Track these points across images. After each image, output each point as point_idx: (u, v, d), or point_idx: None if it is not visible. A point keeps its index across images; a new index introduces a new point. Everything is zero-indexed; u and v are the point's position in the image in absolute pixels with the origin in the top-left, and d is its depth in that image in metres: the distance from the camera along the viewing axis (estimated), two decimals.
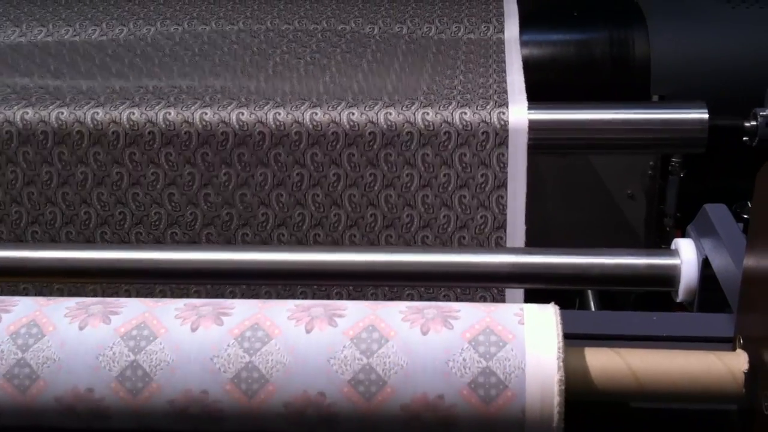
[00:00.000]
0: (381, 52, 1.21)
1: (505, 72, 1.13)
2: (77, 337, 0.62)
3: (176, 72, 1.19)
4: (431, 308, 0.63)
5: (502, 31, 1.30)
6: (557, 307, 0.63)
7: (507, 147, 1.00)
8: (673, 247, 0.85)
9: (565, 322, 0.61)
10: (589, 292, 1.37)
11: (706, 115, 1.03)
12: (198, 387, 0.61)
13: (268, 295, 1.08)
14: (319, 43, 1.29)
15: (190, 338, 0.61)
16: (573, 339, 0.65)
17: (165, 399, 0.61)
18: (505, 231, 1.03)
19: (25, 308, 0.64)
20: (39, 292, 1.10)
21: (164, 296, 1.10)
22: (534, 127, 1.01)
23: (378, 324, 0.61)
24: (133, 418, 0.62)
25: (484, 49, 1.23)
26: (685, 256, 0.83)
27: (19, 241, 1.09)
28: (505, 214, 1.03)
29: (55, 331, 0.62)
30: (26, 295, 1.10)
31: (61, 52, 1.30)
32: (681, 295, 0.83)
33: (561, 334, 0.60)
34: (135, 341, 0.61)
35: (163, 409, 0.61)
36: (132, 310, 0.64)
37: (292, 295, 1.09)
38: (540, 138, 1.02)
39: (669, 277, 0.83)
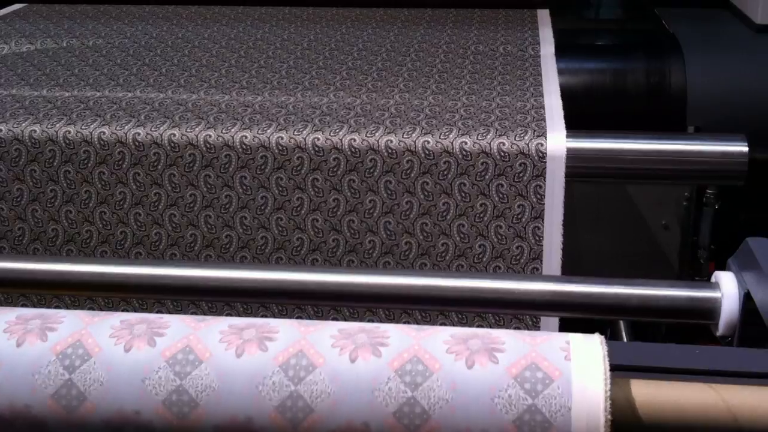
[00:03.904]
0: (413, 81, 1.21)
1: (542, 96, 1.13)
2: (122, 361, 0.62)
3: (178, 87, 1.20)
4: (475, 338, 0.62)
5: (538, 54, 1.30)
6: (604, 341, 0.62)
7: (545, 179, 1.00)
8: (713, 280, 0.85)
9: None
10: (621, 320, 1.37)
11: (746, 148, 1.03)
12: (243, 414, 0.60)
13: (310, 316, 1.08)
14: (355, 62, 1.30)
15: (234, 364, 0.61)
16: (615, 370, 0.64)
17: (210, 424, 0.61)
18: (541, 262, 1.03)
19: (70, 326, 0.64)
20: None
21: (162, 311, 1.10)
22: (572, 155, 1.00)
23: (422, 355, 0.61)
24: None
25: (520, 71, 1.23)
26: (726, 289, 0.82)
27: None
28: (542, 245, 1.02)
29: (101, 352, 0.62)
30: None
31: (71, 61, 1.32)
32: (721, 329, 0.82)
33: (608, 370, 0.59)
34: (180, 366, 0.61)
35: None
36: (176, 331, 0.63)
37: (326, 315, 1.09)
38: (578, 166, 1.02)
39: (709, 311, 0.83)
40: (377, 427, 0.59)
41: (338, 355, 0.61)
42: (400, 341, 0.62)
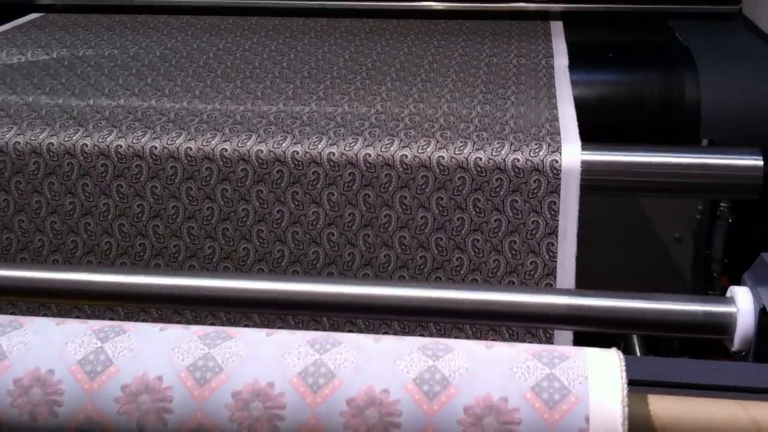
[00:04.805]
0: (427, 92, 1.22)
1: (556, 108, 1.13)
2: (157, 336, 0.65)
3: (191, 96, 1.21)
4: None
5: (552, 66, 1.31)
6: (622, 357, 0.62)
7: (559, 195, 1.00)
8: (728, 294, 0.85)
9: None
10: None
11: (761, 162, 1.03)
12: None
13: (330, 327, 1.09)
14: (369, 72, 1.30)
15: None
16: (631, 385, 0.64)
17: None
18: (555, 277, 1.03)
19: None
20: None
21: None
22: (586, 168, 1.01)
23: None
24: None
25: (534, 82, 1.24)
26: (742, 304, 0.82)
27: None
28: (556, 261, 1.02)
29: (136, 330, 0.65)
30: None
31: (86, 71, 1.33)
32: (736, 344, 0.82)
33: (625, 386, 0.59)
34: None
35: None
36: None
37: (341, 327, 1.09)
38: (592, 179, 1.02)
39: (724, 326, 0.83)
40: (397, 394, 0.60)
41: None
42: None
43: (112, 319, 1.09)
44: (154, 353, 0.64)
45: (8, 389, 0.63)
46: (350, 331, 1.08)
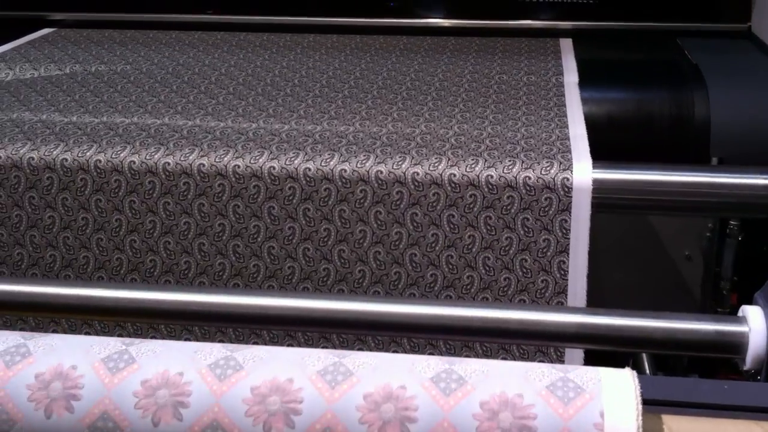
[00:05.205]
0: (438, 110, 1.22)
1: (567, 127, 1.14)
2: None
3: (211, 114, 1.21)
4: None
5: (562, 83, 1.31)
6: (636, 377, 0.62)
7: (570, 213, 1.00)
8: (740, 314, 0.85)
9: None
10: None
11: None
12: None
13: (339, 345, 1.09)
14: (380, 90, 1.31)
15: None
16: (645, 404, 0.64)
17: None
18: (566, 295, 1.03)
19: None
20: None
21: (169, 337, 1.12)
22: (597, 186, 1.01)
23: None
24: None
25: (544, 100, 1.24)
26: (754, 324, 0.82)
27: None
28: (567, 279, 1.02)
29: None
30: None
31: (99, 87, 1.34)
32: (748, 364, 0.82)
33: (640, 405, 0.59)
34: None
35: None
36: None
37: (351, 345, 1.09)
38: (602, 197, 1.02)
39: (736, 345, 0.83)
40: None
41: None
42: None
43: (121, 335, 1.10)
44: (176, 354, 0.65)
45: (28, 383, 0.64)
46: (360, 348, 1.09)
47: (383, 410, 0.62)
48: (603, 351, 0.88)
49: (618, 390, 0.60)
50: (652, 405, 0.68)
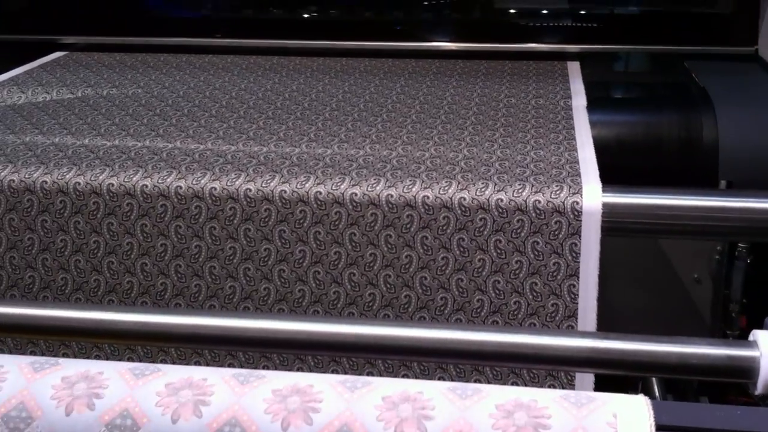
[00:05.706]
0: (448, 134, 1.23)
1: (576, 150, 1.14)
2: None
3: (218, 138, 1.22)
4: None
5: (570, 107, 1.32)
6: (650, 405, 0.62)
7: (580, 236, 1.00)
8: (751, 338, 0.85)
9: None
10: None
11: None
12: None
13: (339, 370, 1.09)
14: (390, 113, 1.31)
15: None
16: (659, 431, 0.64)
17: None
18: (576, 319, 1.03)
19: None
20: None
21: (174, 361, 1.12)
22: (607, 210, 1.01)
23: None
24: None
25: (553, 123, 1.25)
26: (765, 348, 0.82)
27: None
28: (577, 303, 1.02)
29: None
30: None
31: (111, 111, 1.35)
32: (760, 388, 0.82)
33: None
34: None
35: None
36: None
37: (361, 369, 1.09)
38: (612, 221, 1.02)
39: (747, 370, 0.83)
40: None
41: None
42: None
43: (131, 359, 1.10)
44: (202, 368, 0.68)
45: (54, 384, 0.66)
46: (369, 372, 1.09)
47: (401, 409, 0.63)
48: (614, 374, 0.88)
49: (632, 419, 0.60)
50: (665, 431, 0.68)
